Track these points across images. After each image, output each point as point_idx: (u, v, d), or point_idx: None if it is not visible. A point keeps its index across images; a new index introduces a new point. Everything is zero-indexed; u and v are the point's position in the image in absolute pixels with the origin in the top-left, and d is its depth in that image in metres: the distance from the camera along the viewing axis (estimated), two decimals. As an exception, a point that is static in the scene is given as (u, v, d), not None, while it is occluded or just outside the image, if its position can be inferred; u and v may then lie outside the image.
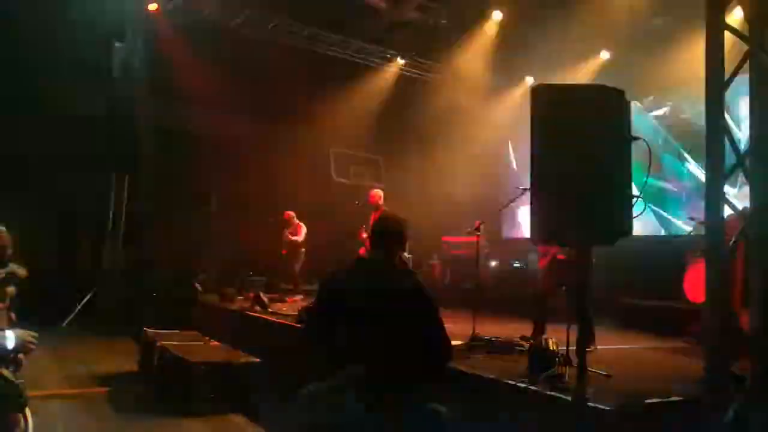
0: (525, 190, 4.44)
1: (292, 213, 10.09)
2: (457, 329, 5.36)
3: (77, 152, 12.88)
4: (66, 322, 9.22)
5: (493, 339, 5.04)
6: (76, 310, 9.38)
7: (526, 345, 4.85)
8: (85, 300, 9.56)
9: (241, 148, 14.19)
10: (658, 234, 9.58)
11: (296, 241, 9.78)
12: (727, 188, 2.89)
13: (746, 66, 2.97)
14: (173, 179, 14.21)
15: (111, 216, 10.31)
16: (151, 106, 10.64)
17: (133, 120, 9.87)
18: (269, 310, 7.60)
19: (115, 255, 10.27)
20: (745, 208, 3.08)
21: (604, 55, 10.39)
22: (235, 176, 14.56)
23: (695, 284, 6.52)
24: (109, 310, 9.81)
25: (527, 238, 3.60)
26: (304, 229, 9.82)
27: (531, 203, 3.21)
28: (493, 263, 10.91)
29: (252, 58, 12.99)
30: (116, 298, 9.97)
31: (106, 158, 10.73)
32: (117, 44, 9.80)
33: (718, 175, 2.82)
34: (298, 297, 9.41)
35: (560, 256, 5.34)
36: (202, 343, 6.38)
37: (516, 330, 5.68)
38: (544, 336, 4.71)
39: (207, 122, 13.07)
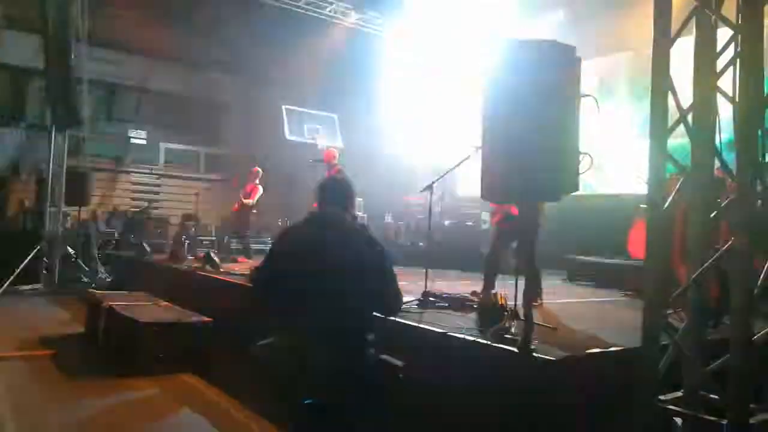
0: (478, 148, 4.45)
1: (258, 170, 9.70)
2: (410, 286, 5.41)
3: (13, 107, 12.17)
4: (6, 284, 8.86)
5: (444, 295, 5.13)
6: (17, 271, 9.01)
7: (476, 300, 4.95)
8: (27, 260, 9.18)
9: (190, 103, 13.69)
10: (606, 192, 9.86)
11: (246, 203, 9.52)
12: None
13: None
14: (117, 135, 13.64)
15: (50, 174, 9.84)
16: (91, 58, 10.08)
17: (71, 73, 9.31)
18: (221, 269, 7.49)
19: (58, 214, 9.86)
20: (687, 166, 3.17)
21: (559, 13, 10.40)
22: (183, 132, 14.09)
23: (637, 241, 6.78)
24: (53, 271, 9.49)
25: (480, 197, 3.63)
26: (259, 192, 9.54)
27: (481, 160, 3.22)
28: (447, 222, 11.04)
29: (201, 9, 12.43)
30: (60, 259, 9.64)
31: (44, 114, 10.17)
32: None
33: (661, 133, 2.88)
34: (248, 258, 9.26)
35: (513, 211, 5.42)
36: (151, 303, 6.25)
37: (467, 286, 5.79)
38: (494, 291, 4.83)
39: (152, 76, 12.52)
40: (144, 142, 13.97)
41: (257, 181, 9.58)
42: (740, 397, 2.71)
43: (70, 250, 9.90)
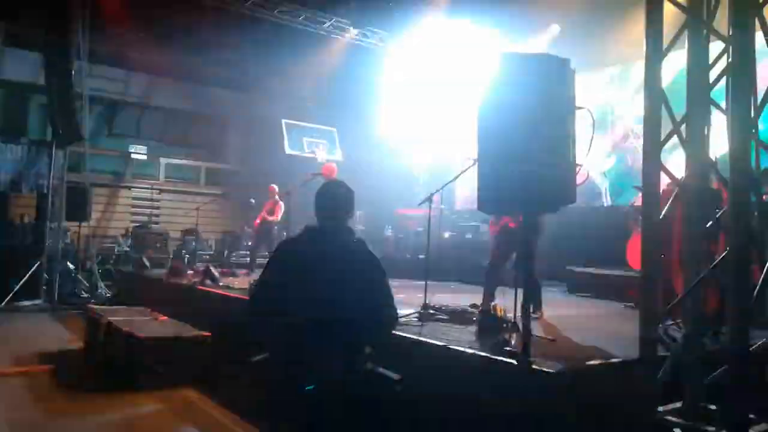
0: (476, 160, 4.47)
1: (274, 187, 9.78)
2: (409, 299, 5.42)
3: (15, 123, 12.23)
4: (6, 300, 8.85)
5: (444, 307, 5.12)
6: (17, 287, 9.02)
7: (476, 312, 4.95)
8: (27, 276, 9.19)
9: (189, 118, 13.77)
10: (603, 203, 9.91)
11: (270, 220, 9.54)
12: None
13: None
14: (117, 150, 13.69)
15: (51, 189, 9.88)
16: (91, 75, 10.16)
17: (72, 89, 9.38)
18: (220, 284, 7.48)
19: (58, 229, 9.88)
20: (682, 177, 3.19)
21: (554, 28, 10.49)
22: (182, 147, 14.15)
23: (636, 251, 6.77)
24: (53, 286, 9.48)
25: (477, 208, 3.64)
26: (282, 209, 9.49)
27: (478, 172, 3.24)
28: (447, 234, 11.04)
29: (201, 26, 12.53)
30: (59, 274, 9.63)
31: (45, 129, 10.23)
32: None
33: (655, 143, 2.91)
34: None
35: (511, 224, 5.43)
36: (149, 318, 6.24)
37: (467, 298, 5.78)
38: (493, 303, 4.82)
39: (152, 91, 12.59)
40: (145, 157, 14.01)
41: (277, 197, 9.64)
42: (738, 407, 2.70)
43: (70, 265, 9.89)
